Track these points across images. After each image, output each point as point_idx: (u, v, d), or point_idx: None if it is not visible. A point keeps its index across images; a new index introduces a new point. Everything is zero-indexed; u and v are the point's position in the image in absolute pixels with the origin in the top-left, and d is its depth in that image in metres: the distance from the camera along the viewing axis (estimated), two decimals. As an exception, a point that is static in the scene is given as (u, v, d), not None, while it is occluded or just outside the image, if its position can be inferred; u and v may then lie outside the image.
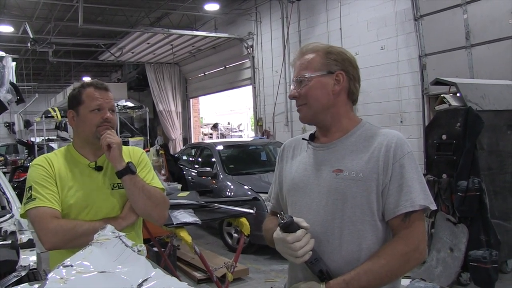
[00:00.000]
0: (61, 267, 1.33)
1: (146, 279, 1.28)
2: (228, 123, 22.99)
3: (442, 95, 5.14)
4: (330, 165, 1.62)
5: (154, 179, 2.19)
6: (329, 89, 1.64)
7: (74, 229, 1.90)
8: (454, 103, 4.93)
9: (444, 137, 4.94)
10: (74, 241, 1.87)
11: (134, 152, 2.25)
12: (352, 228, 1.55)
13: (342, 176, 1.57)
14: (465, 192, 4.58)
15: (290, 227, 1.48)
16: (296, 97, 1.67)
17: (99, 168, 2.10)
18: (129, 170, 2.00)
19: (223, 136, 20.31)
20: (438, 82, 5.37)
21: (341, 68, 1.64)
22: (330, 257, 1.55)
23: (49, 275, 1.30)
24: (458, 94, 5.04)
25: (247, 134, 21.40)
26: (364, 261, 1.51)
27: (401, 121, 8.42)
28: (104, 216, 2.02)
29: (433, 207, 1.54)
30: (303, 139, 1.79)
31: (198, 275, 5.49)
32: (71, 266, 1.34)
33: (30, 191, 1.96)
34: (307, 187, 1.64)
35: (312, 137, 1.76)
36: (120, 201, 2.08)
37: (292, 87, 1.72)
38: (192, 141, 16.57)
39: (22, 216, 2.01)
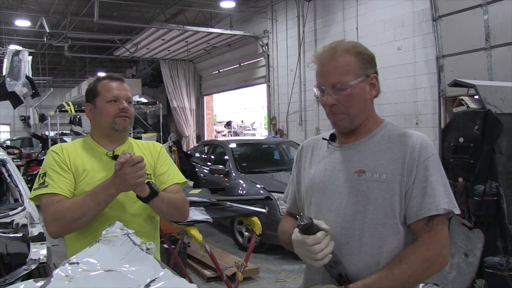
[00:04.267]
0: (67, 264, 1.30)
1: (154, 279, 1.24)
2: (242, 121, 22.98)
3: (460, 97, 5.04)
4: (352, 165, 1.57)
5: (175, 174, 2.17)
6: (366, 95, 1.59)
7: (63, 210, 1.85)
8: (472, 105, 4.83)
9: (461, 140, 4.84)
10: (70, 223, 1.84)
11: (154, 146, 2.24)
12: (373, 231, 1.50)
13: (364, 177, 1.52)
14: (482, 197, 4.48)
15: (309, 229, 1.43)
16: (334, 104, 1.57)
17: (116, 158, 2.05)
18: (154, 194, 1.91)
19: (236, 134, 20.30)
20: (456, 84, 5.27)
21: (374, 70, 1.59)
22: (348, 259, 1.50)
23: (54, 272, 1.26)
24: (476, 96, 4.94)
25: (260, 133, 21.36)
26: (384, 265, 1.47)
27: (417, 123, 8.31)
28: (122, 205, 1.99)
29: (457, 211, 1.48)
30: (323, 138, 1.73)
31: (208, 273, 5.46)
32: (77, 263, 1.31)
33: (44, 177, 1.94)
34: (327, 188, 1.59)
35: (333, 137, 1.70)
36: None
37: (317, 90, 1.61)
38: (205, 139, 16.57)
39: (30, 199, 2.01)
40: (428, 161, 1.49)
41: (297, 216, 1.48)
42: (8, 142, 20.31)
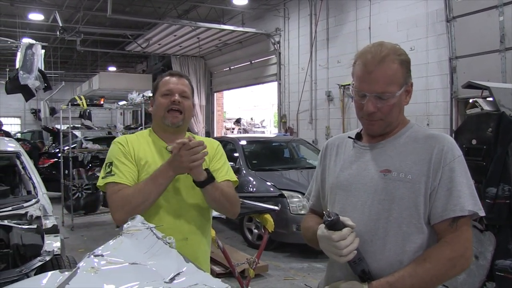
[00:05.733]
0: (92, 256, 1.32)
1: (178, 274, 1.26)
2: (251, 119, 22.98)
3: (474, 99, 5.02)
4: (377, 165, 1.58)
5: (228, 172, 2.22)
6: (403, 102, 1.61)
7: (128, 197, 1.94)
8: (486, 107, 4.81)
9: (474, 142, 4.82)
10: (135, 208, 1.89)
11: (211, 144, 2.27)
12: (398, 230, 1.51)
13: (390, 176, 1.54)
14: (494, 199, 4.47)
15: (336, 225, 1.45)
16: (374, 112, 1.56)
17: None
18: (211, 179, 1.99)
19: (245, 131, 20.30)
20: (470, 86, 5.24)
21: (411, 78, 1.61)
22: (372, 257, 1.51)
23: (80, 264, 1.28)
24: (490, 99, 4.91)
25: (270, 130, 21.36)
26: (408, 264, 1.48)
27: (428, 124, 8.28)
28: (180, 200, 2.06)
29: (482, 213, 1.49)
30: (349, 137, 1.75)
31: (217, 269, 5.49)
32: (102, 255, 1.32)
33: (110, 167, 2.04)
34: (352, 186, 1.61)
35: (358, 136, 1.72)
36: (197, 187, 2.08)
37: (355, 93, 1.59)
38: (215, 135, 16.59)
39: (99, 187, 2.11)
40: (454, 162, 1.51)
41: (324, 212, 1.49)
42: (19, 135, 20.43)
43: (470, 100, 5.40)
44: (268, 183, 6.88)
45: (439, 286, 1.54)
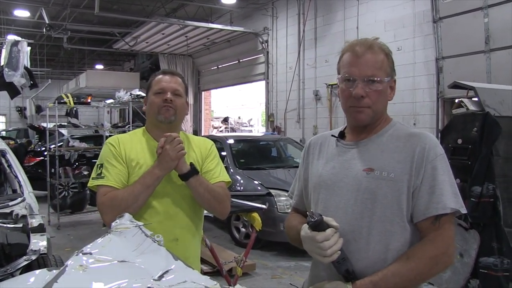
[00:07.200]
0: (80, 254, 1.32)
1: (167, 271, 1.26)
2: (239, 118, 22.99)
3: (460, 99, 5.07)
4: (360, 163, 1.59)
5: (221, 172, 2.21)
6: (387, 96, 1.63)
7: (117, 199, 1.96)
8: (471, 107, 4.86)
9: (459, 141, 4.88)
10: (124, 210, 1.86)
11: (205, 143, 2.28)
12: (381, 228, 1.52)
13: (373, 175, 1.54)
14: (478, 198, 4.52)
15: (319, 225, 1.45)
16: (362, 96, 1.56)
17: None
18: (194, 171, 2.03)
19: (233, 130, 20.30)
20: (456, 86, 5.30)
21: (395, 73, 1.64)
22: (356, 256, 1.52)
23: (68, 262, 1.28)
24: (476, 99, 4.97)
25: (257, 129, 21.38)
26: (391, 263, 1.49)
27: (414, 123, 8.35)
28: (171, 200, 2.07)
29: (464, 210, 1.51)
30: (332, 135, 1.75)
31: (205, 268, 5.48)
32: (90, 253, 1.32)
33: (101, 168, 2.07)
34: (335, 185, 1.61)
35: (341, 134, 1.72)
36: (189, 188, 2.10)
37: (341, 81, 1.60)
38: (202, 134, 16.57)
39: (89, 187, 2.14)
40: (436, 161, 1.52)
41: (308, 213, 1.50)
42: (4, 133, 20.21)
43: (456, 100, 5.46)
44: (256, 182, 6.89)
45: (424, 284, 1.56)
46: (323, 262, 1.49)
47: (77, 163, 9.20)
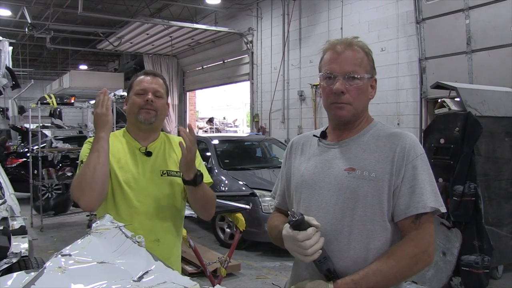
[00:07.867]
0: (59, 256, 1.30)
1: (147, 272, 1.25)
2: (224, 118, 22.97)
3: (442, 99, 5.14)
4: (342, 163, 1.60)
5: (204, 173, 2.18)
6: (368, 94, 1.65)
7: (78, 177, 1.94)
8: (454, 107, 4.93)
9: (442, 141, 4.94)
10: (89, 184, 1.88)
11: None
12: (362, 228, 1.53)
13: (354, 174, 1.55)
14: (460, 197, 4.59)
15: (301, 225, 1.45)
16: (343, 92, 1.58)
17: (148, 154, 2.13)
18: (200, 179, 2.00)
19: (218, 130, 20.28)
20: (438, 86, 5.37)
21: (375, 72, 1.66)
22: (337, 255, 1.53)
23: (47, 264, 1.27)
24: (458, 99, 5.04)
25: (242, 130, 21.37)
26: (372, 261, 1.50)
27: (398, 123, 8.42)
28: (153, 200, 2.06)
29: (443, 209, 1.53)
30: (314, 135, 1.76)
31: (189, 268, 5.47)
32: (69, 255, 1.31)
33: (81, 165, 2.02)
34: (317, 185, 1.62)
35: (323, 135, 1.73)
36: (170, 188, 2.10)
37: (322, 79, 1.62)
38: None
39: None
40: (416, 160, 1.54)
41: (289, 212, 1.50)
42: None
43: (439, 100, 5.52)
44: (240, 182, 6.89)
45: (408, 282, 1.57)
46: (305, 261, 1.50)
47: (60, 164, 9.11)
